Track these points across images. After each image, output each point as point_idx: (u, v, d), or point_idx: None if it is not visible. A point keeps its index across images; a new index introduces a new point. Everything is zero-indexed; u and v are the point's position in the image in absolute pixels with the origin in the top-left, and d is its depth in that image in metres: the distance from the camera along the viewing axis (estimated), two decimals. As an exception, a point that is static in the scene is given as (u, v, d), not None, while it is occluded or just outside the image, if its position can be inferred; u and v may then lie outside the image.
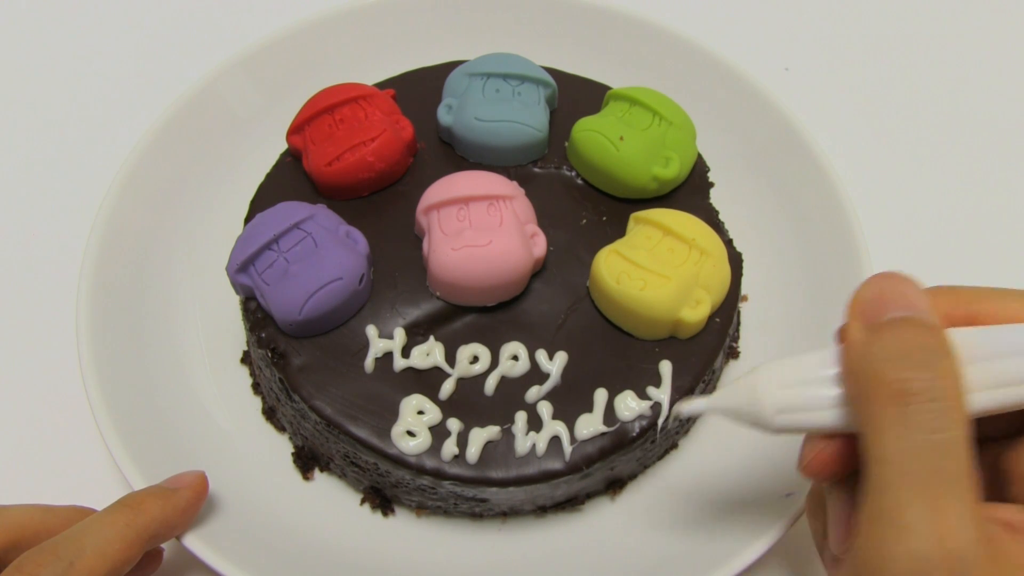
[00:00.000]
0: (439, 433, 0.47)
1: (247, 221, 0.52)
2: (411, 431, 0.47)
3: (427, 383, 0.48)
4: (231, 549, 0.46)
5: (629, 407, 0.48)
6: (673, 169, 0.53)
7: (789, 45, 0.77)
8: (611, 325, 0.50)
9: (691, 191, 0.55)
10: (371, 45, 0.67)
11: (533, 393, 0.48)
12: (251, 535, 0.48)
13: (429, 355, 0.49)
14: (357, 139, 0.52)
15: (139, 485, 0.47)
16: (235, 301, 0.53)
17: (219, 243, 0.55)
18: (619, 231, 0.53)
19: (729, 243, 0.54)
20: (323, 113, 0.54)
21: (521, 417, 0.47)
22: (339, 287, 0.47)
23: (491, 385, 0.48)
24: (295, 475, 0.53)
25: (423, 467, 0.46)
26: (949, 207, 0.67)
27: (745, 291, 0.59)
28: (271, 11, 0.76)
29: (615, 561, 0.50)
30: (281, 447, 0.54)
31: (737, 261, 0.53)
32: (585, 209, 0.54)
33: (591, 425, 0.47)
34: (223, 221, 0.59)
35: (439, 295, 0.50)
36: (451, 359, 0.49)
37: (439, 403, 0.48)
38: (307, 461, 0.53)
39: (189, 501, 0.45)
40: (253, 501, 0.50)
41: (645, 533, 0.51)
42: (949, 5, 0.79)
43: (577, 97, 0.58)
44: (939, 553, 0.30)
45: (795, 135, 0.61)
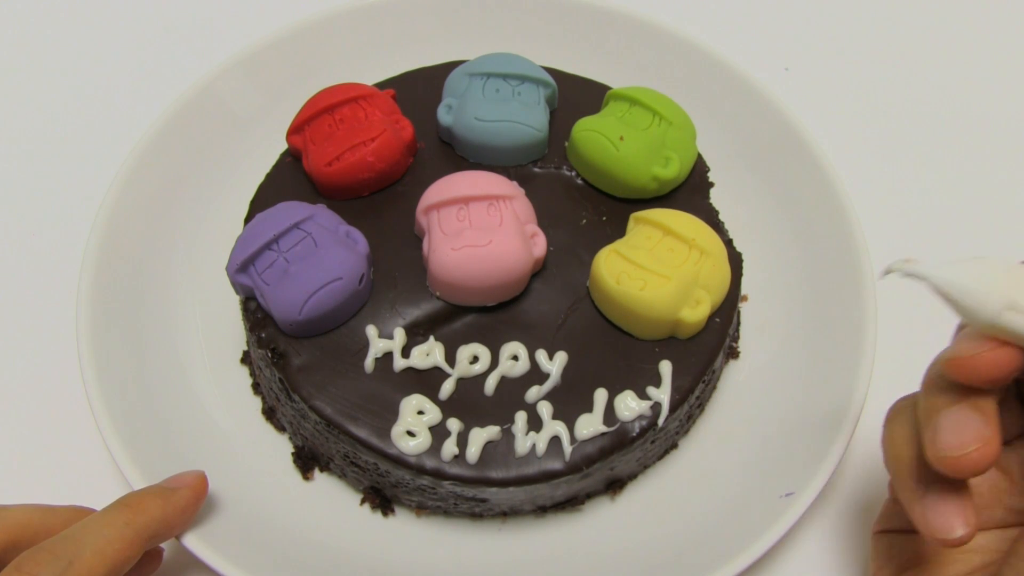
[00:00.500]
0: (439, 433, 0.47)
1: (247, 221, 0.52)
2: (411, 431, 0.47)
3: (427, 383, 0.48)
4: (231, 549, 0.46)
5: (629, 407, 0.48)
6: (673, 169, 0.53)
7: (789, 45, 0.77)
8: (611, 325, 0.50)
9: (691, 191, 0.55)
10: (371, 45, 0.66)
11: (533, 393, 0.48)
12: (251, 535, 0.48)
13: (429, 355, 0.49)
14: (357, 139, 0.52)
15: (139, 485, 0.47)
16: (235, 301, 0.53)
17: (219, 243, 0.55)
18: (619, 231, 0.53)
19: (729, 243, 0.54)
20: (323, 113, 0.54)
21: (521, 417, 0.47)
22: (339, 287, 0.47)
23: (491, 385, 0.48)
24: (295, 475, 0.53)
25: (423, 467, 0.46)
26: (949, 207, 0.67)
27: (745, 291, 0.59)
28: (271, 11, 0.76)
29: (615, 561, 0.50)
30: (281, 447, 0.54)
31: (737, 261, 0.53)
32: (585, 209, 0.54)
33: (591, 425, 0.47)
34: (223, 221, 0.59)
35: (439, 295, 0.50)
36: (451, 359, 0.49)
37: (439, 403, 0.48)
38: (307, 461, 0.53)
39: (189, 501, 0.45)
40: (253, 501, 0.50)
41: (645, 533, 0.51)
42: (949, 5, 0.79)
43: (577, 97, 0.58)
44: None
45: (795, 135, 0.61)
